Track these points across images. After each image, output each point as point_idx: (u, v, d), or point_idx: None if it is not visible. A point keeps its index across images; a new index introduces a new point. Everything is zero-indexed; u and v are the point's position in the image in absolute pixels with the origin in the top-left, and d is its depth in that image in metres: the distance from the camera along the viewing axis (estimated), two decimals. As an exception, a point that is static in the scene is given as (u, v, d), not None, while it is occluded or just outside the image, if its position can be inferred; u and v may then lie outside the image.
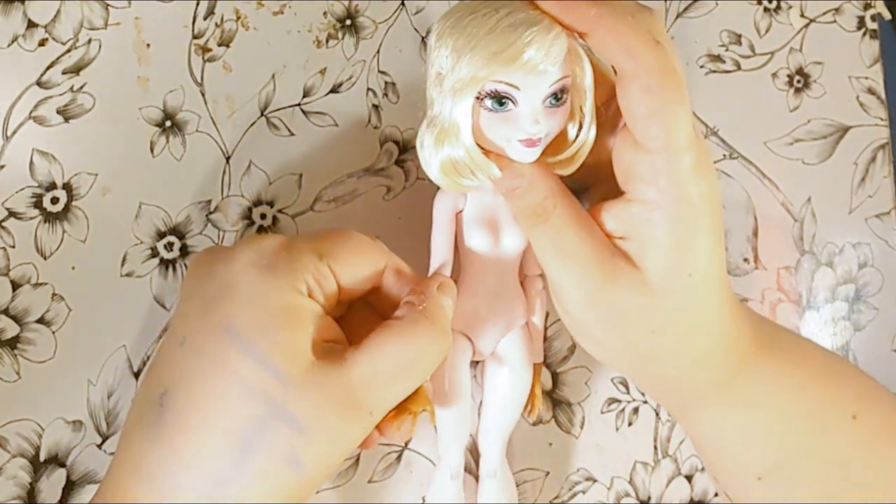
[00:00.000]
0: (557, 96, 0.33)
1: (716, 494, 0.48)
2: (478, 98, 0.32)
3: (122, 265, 0.41)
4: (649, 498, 0.47)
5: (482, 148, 0.34)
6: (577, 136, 0.35)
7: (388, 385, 0.33)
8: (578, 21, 0.31)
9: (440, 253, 0.38)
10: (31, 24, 0.41)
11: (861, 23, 0.52)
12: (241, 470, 0.30)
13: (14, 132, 0.40)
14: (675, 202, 0.32)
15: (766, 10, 0.51)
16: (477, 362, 0.41)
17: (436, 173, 0.35)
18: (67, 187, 0.41)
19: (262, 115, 0.43)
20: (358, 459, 0.43)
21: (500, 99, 0.32)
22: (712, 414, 0.37)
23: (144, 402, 0.32)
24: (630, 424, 0.47)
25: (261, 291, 0.32)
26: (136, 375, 0.41)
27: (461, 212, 0.37)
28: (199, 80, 0.43)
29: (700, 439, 0.39)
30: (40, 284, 0.40)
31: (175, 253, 0.42)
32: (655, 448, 0.47)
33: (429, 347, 0.34)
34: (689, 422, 0.39)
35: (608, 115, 0.35)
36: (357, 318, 0.38)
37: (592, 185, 0.38)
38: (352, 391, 0.32)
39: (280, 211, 0.43)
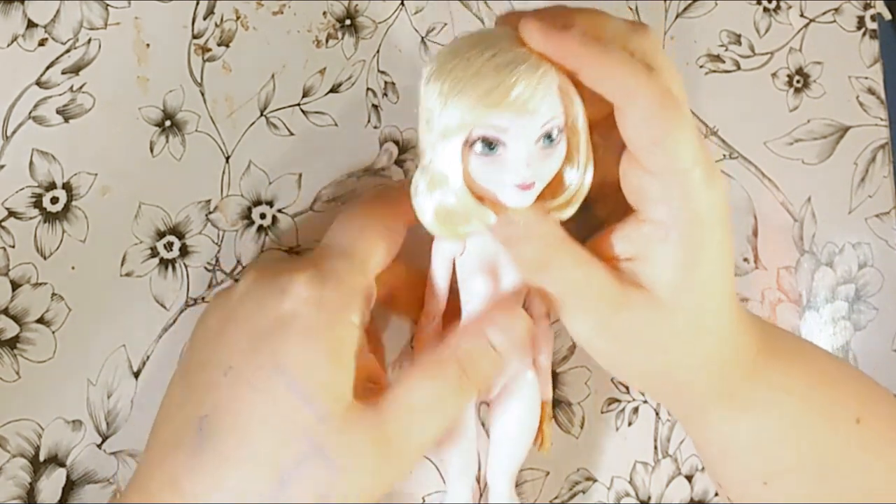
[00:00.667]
0: (551, 136, 0.32)
1: (716, 494, 0.48)
2: (467, 143, 0.31)
3: (122, 265, 0.41)
4: (649, 498, 0.47)
5: (477, 194, 0.33)
6: (574, 177, 0.34)
7: (418, 426, 0.33)
8: (566, 57, 0.31)
9: (439, 302, 0.37)
10: (31, 24, 0.41)
11: (861, 23, 0.52)
12: (277, 502, 0.31)
13: (14, 132, 0.40)
14: (687, 220, 0.32)
15: (765, 9, 0.51)
16: (485, 402, 0.41)
17: (430, 221, 0.33)
18: (67, 187, 0.41)
19: (261, 114, 0.43)
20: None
21: (489, 143, 0.31)
22: (719, 420, 0.37)
23: (182, 424, 0.33)
24: (630, 424, 0.47)
25: (313, 329, 0.33)
26: (136, 375, 0.41)
27: (461, 254, 0.36)
28: (198, 80, 0.43)
29: (705, 444, 0.39)
30: (40, 284, 0.40)
31: (175, 253, 0.42)
32: (655, 448, 0.47)
33: (452, 397, 0.33)
34: (694, 427, 0.39)
35: (610, 137, 0.35)
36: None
37: (597, 202, 0.38)
38: (385, 431, 0.32)
39: (280, 211, 0.43)
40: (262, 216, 0.43)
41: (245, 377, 0.32)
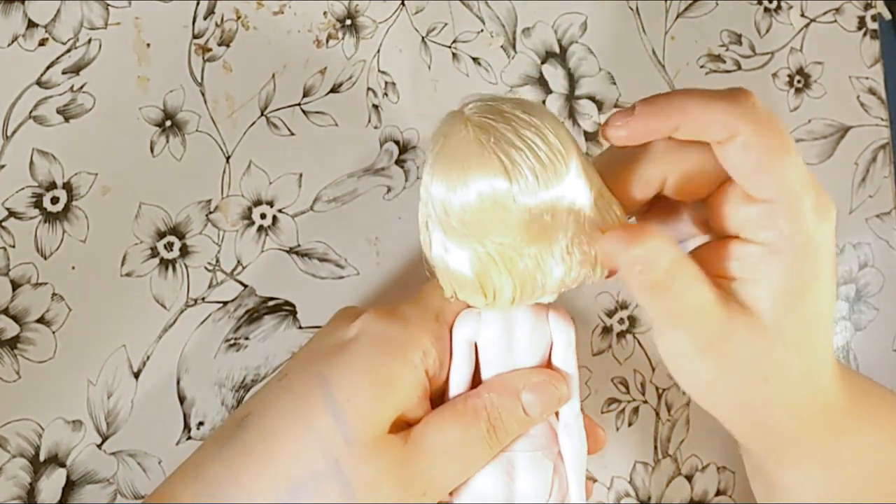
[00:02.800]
0: None
1: (716, 494, 0.48)
2: None
3: (122, 265, 0.41)
4: (649, 498, 0.47)
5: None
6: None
7: (440, 469, 0.33)
8: (670, 114, 0.31)
9: (460, 386, 0.35)
10: (31, 24, 0.41)
11: (861, 23, 0.52)
12: None
13: (14, 132, 0.40)
14: (798, 246, 0.31)
15: (766, 9, 0.51)
16: None
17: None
18: (67, 187, 0.41)
19: (262, 114, 0.43)
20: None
21: None
22: (795, 468, 0.37)
23: (230, 420, 0.34)
24: (630, 424, 0.47)
25: (367, 358, 0.33)
26: (136, 375, 0.41)
27: (480, 335, 0.35)
28: (199, 79, 0.43)
29: (771, 488, 0.39)
30: (40, 284, 0.40)
31: (175, 253, 0.42)
32: (656, 448, 0.47)
33: (477, 447, 0.33)
34: (765, 469, 0.38)
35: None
36: None
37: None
38: (407, 468, 0.32)
39: (280, 211, 0.43)
40: (263, 216, 0.43)
41: (295, 385, 0.33)
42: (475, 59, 0.46)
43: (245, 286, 0.43)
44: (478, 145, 0.30)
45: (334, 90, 0.44)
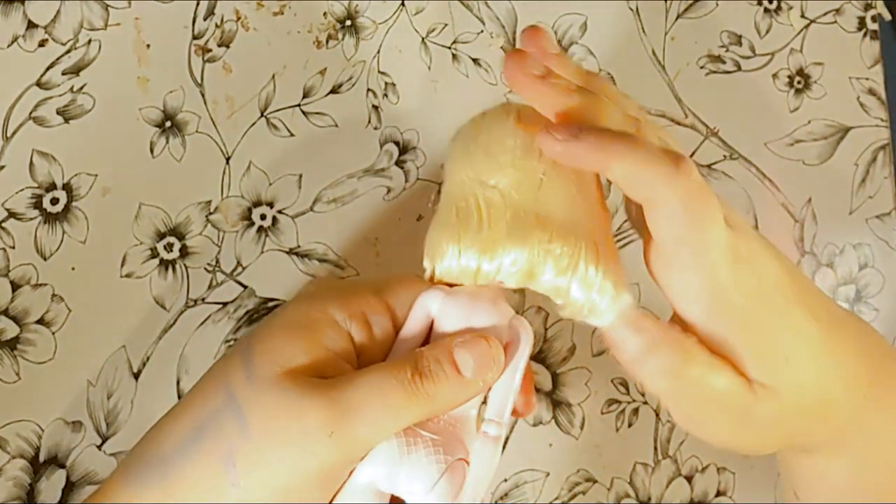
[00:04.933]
0: None
1: (716, 495, 0.48)
2: None
3: (122, 266, 0.41)
4: (649, 498, 0.47)
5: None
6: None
7: (355, 413, 0.30)
8: (587, 163, 0.31)
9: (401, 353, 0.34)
10: (31, 25, 0.41)
11: (861, 23, 0.52)
12: (186, 455, 0.30)
13: (14, 132, 0.40)
14: (725, 318, 0.32)
15: (766, 10, 0.51)
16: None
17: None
18: (67, 188, 0.41)
19: (262, 115, 0.43)
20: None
21: None
22: (814, 460, 0.37)
23: None
24: (630, 425, 0.47)
25: (293, 309, 0.33)
26: (136, 376, 0.41)
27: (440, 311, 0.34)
28: (199, 80, 0.43)
29: (795, 477, 0.39)
30: (40, 285, 0.40)
31: (175, 254, 0.42)
32: (655, 449, 0.47)
33: (398, 395, 0.31)
34: (789, 460, 0.39)
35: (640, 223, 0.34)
36: None
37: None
38: (313, 406, 0.30)
39: (280, 211, 0.43)
40: (263, 217, 0.43)
41: (231, 349, 0.33)
42: (475, 60, 0.46)
43: (245, 287, 0.43)
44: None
45: (334, 91, 0.44)
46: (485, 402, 0.34)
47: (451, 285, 0.33)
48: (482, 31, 0.47)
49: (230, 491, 0.30)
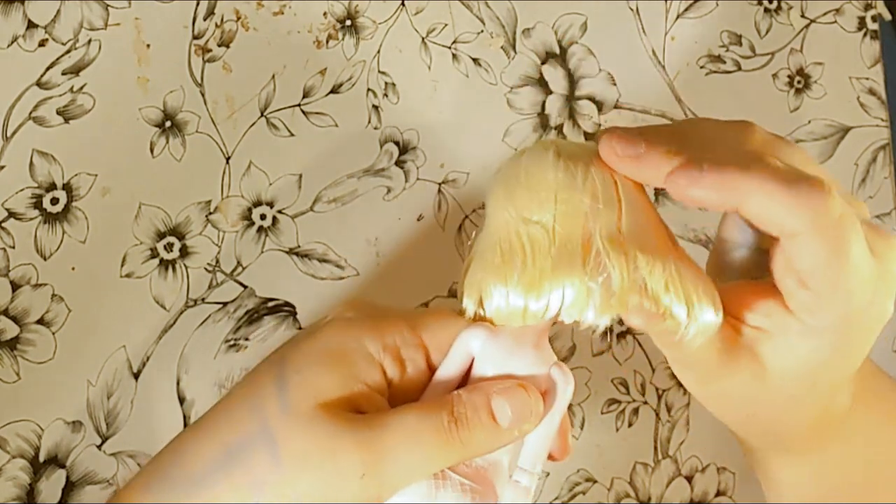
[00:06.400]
0: None
1: (716, 495, 0.48)
2: None
3: (122, 266, 0.41)
4: (649, 498, 0.47)
5: None
6: None
7: (388, 449, 0.30)
8: (725, 200, 0.30)
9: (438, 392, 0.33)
10: (31, 25, 0.41)
11: (861, 23, 0.52)
12: (214, 478, 0.30)
13: (14, 132, 0.40)
14: (840, 335, 0.31)
15: (766, 10, 0.51)
16: None
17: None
18: (67, 188, 0.41)
19: (262, 115, 0.43)
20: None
21: None
22: (791, 467, 0.37)
23: None
24: (630, 425, 0.47)
25: (327, 336, 0.32)
26: (136, 376, 0.41)
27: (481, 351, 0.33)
28: (199, 80, 0.43)
29: (774, 480, 0.39)
30: (40, 285, 0.40)
31: (175, 254, 0.42)
32: (655, 449, 0.47)
33: (433, 440, 0.31)
34: (767, 463, 0.39)
35: None
36: None
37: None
38: (349, 442, 0.30)
39: (280, 211, 0.43)
40: (263, 217, 0.43)
41: (259, 367, 0.33)
42: (475, 60, 0.46)
43: (245, 287, 0.43)
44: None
45: (334, 91, 0.44)
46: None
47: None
48: (482, 31, 0.47)
49: None
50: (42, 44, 0.41)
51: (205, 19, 0.43)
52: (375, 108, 0.45)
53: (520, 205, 0.32)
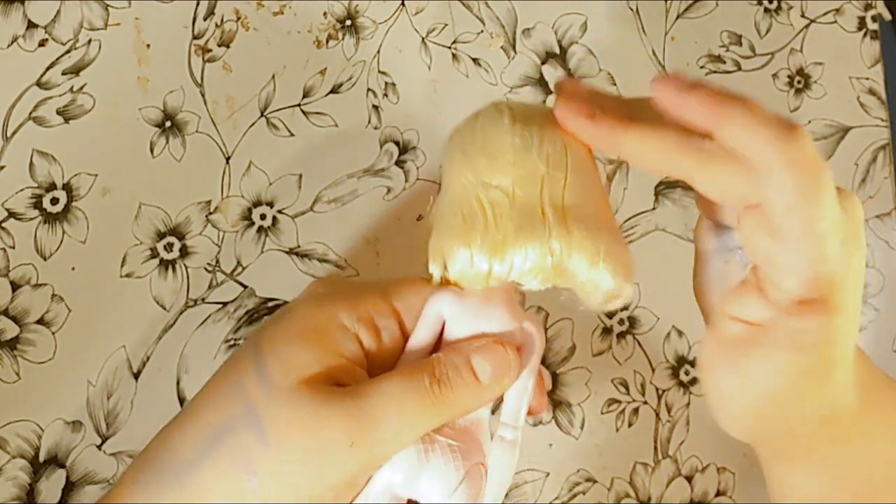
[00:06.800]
0: None
1: (716, 495, 0.48)
2: None
3: (122, 266, 0.41)
4: (649, 499, 0.47)
5: None
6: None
7: (374, 422, 0.30)
8: (699, 116, 0.30)
9: (414, 356, 0.34)
10: (31, 25, 0.41)
11: (862, 23, 0.52)
12: (202, 463, 0.30)
13: (14, 132, 0.40)
14: (814, 292, 0.31)
15: (766, 10, 0.51)
16: None
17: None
18: (67, 188, 0.41)
19: (262, 115, 0.43)
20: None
21: None
22: (795, 474, 0.37)
23: None
24: (630, 425, 0.47)
25: (301, 314, 0.32)
26: (136, 376, 0.41)
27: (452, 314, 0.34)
28: (199, 80, 0.43)
29: (780, 484, 0.39)
30: (40, 285, 0.40)
31: (175, 253, 0.42)
32: (655, 449, 0.47)
33: (417, 402, 0.31)
34: (773, 468, 0.38)
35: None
36: None
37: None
38: (332, 415, 0.30)
39: (280, 211, 0.43)
40: (263, 217, 0.43)
41: (235, 354, 0.33)
42: (475, 60, 0.46)
43: (245, 287, 0.43)
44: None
45: (334, 91, 0.44)
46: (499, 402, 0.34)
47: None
48: (482, 31, 0.47)
49: (250, 498, 0.30)
50: (42, 44, 0.41)
51: (205, 19, 0.43)
52: (375, 108, 0.45)
53: (478, 169, 0.32)
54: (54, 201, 0.41)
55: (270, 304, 0.43)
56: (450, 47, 0.46)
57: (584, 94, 0.33)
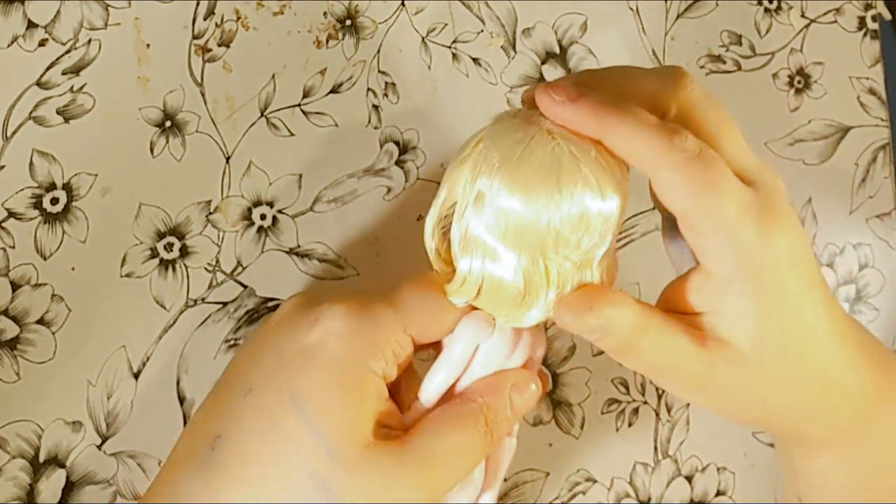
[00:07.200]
0: None
1: (716, 495, 0.48)
2: None
3: (122, 265, 0.41)
4: (649, 499, 0.47)
5: None
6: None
7: (438, 475, 0.32)
8: (583, 128, 0.31)
9: (445, 383, 0.35)
10: (31, 25, 0.41)
11: (862, 23, 0.52)
12: None
13: (14, 132, 0.40)
14: (749, 275, 0.31)
15: (766, 10, 0.51)
16: None
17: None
18: (67, 188, 0.41)
19: (262, 115, 0.43)
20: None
21: None
22: (818, 458, 0.37)
23: (197, 440, 0.33)
24: (630, 425, 0.47)
25: (335, 365, 0.32)
26: (136, 376, 0.41)
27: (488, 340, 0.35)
28: (199, 80, 0.43)
29: (797, 476, 0.39)
30: (40, 285, 0.40)
31: (175, 253, 0.42)
32: (655, 449, 0.47)
33: (476, 450, 0.33)
34: (792, 457, 0.38)
35: None
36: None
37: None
38: (403, 476, 0.31)
39: (280, 211, 0.43)
40: (263, 217, 0.43)
41: (263, 401, 0.32)
42: (475, 60, 0.46)
43: (245, 287, 0.43)
44: (572, 160, 0.31)
45: (334, 91, 0.44)
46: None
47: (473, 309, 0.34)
48: (482, 31, 0.47)
49: None
50: (42, 44, 0.41)
51: (205, 19, 0.43)
52: (375, 108, 0.45)
53: (534, 200, 0.31)
54: (54, 201, 0.41)
55: (270, 303, 0.43)
56: (450, 47, 0.46)
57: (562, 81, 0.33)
